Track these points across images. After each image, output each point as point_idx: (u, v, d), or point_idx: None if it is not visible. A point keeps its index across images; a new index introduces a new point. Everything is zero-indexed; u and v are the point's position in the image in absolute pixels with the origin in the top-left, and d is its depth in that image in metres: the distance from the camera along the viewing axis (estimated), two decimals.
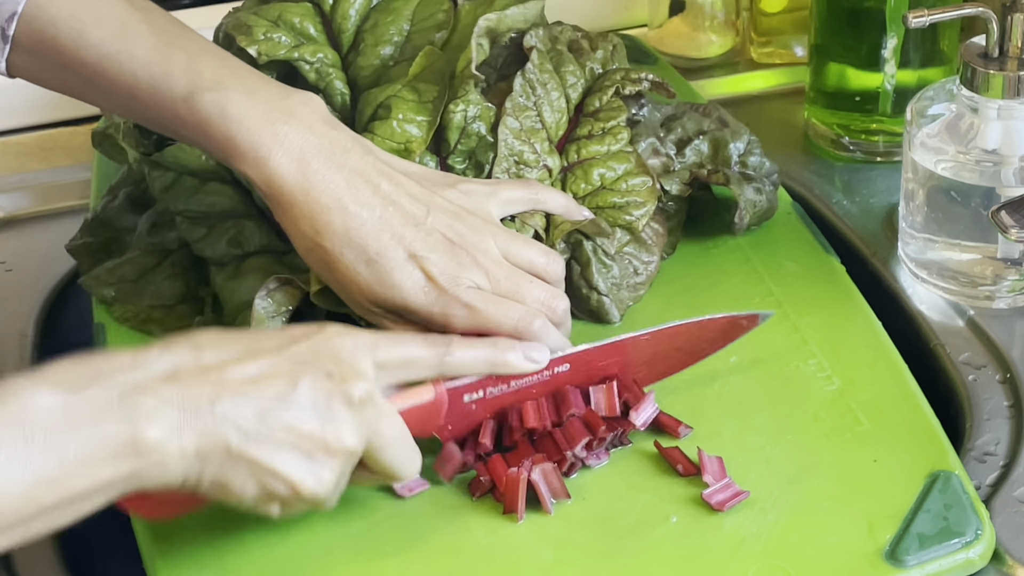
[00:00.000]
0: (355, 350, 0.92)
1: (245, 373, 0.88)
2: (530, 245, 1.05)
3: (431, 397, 0.97)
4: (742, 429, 1.02)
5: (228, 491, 0.88)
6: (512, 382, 1.00)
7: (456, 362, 0.97)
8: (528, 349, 0.99)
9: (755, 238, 1.18)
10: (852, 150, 1.30)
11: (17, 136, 1.36)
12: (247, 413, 0.86)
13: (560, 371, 1.01)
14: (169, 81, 1.00)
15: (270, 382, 0.88)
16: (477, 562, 0.95)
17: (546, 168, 1.11)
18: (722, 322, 1.05)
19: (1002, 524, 0.96)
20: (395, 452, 0.93)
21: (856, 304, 1.12)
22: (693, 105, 1.21)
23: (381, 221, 1.00)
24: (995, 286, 1.13)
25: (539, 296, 1.03)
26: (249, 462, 0.87)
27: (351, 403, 0.90)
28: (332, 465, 0.89)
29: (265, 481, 0.88)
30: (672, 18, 1.43)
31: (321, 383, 0.89)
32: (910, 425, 1.02)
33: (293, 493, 0.88)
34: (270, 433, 0.87)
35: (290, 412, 0.88)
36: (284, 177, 0.99)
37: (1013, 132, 1.10)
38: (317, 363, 0.90)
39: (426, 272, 1.00)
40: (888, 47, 1.25)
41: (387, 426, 0.92)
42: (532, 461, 0.97)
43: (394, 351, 0.94)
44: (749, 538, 0.95)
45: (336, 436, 0.89)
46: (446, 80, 1.11)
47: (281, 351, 0.90)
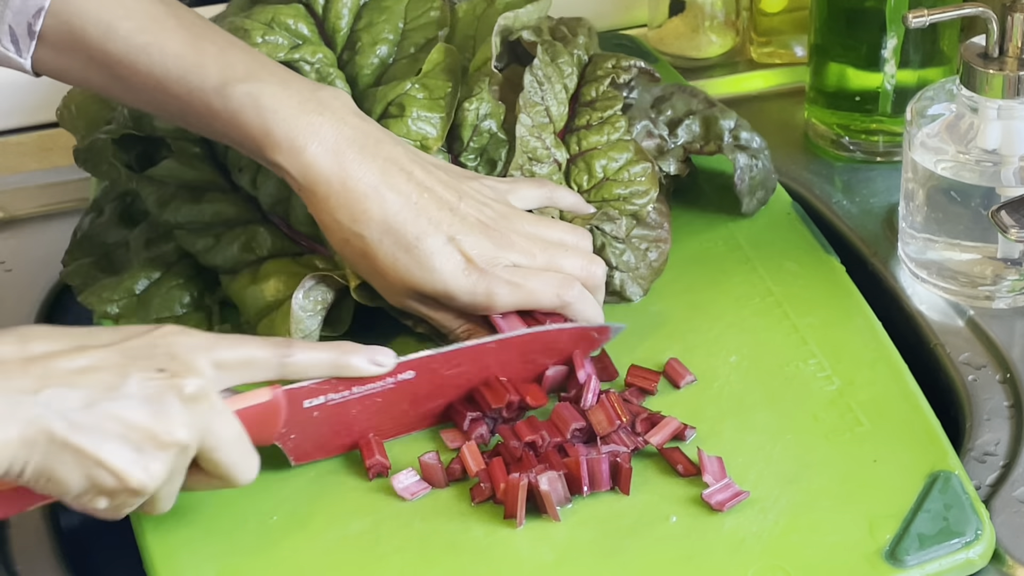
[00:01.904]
0: (191, 348, 0.91)
1: (73, 365, 0.87)
2: (556, 225, 1.07)
3: (267, 398, 0.95)
4: (742, 429, 1.02)
5: (54, 482, 0.86)
6: (355, 388, 0.98)
7: (297, 364, 0.95)
8: (373, 353, 0.98)
9: (755, 238, 1.18)
10: (852, 150, 1.30)
11: (17, 136, 1.36)
12: (73, 402, 0.86)
13: (404, 378, 1.00)
14: (201, 73, 1.00)
15: (99, 374, 0.87)
16: (477, 562, 0.95)
17: (556, 163, 1.12)
18: (571, 333, 1.04)
19: (1002, 524, 0.96)
20: (229, 453, 0.92)
21: (856, 304, 1.12)
22: (679, 86, 1.22)
23: (418, 207, 1.01)
24: (995, 286, 1.13)
25: (576, 264, 1.04)
26: (74, 451, 0.85)
27: (183, 397, 0.88)
28: (162, 458, 0.88)
29: (91, 472, 0.86)
30: (672, 18, 1.43)
31: (152, 377, 0.88)
32: (910, 425, 1.02)
33: (120, 484, 0.87)
34: (97, 423, 0.86)
35: (118, 403, 0.87)
36: (320, 167, 1.00)
37: (1013, 132, 1.10)
38: (150, 358, 0.89)
39: (465, 255, 1.01)
40: (888, 47, 1.25)
41: (221, 425, 0.91)
42: (535, 471, 0.97)
43: (232, 351, 0.93)
44: (749, 538, 0.95)
45: (166, 428, 0.88)
46: (458, 77, 1.11)
47: (113, 346, 0.89)
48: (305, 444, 0.99)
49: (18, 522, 1.02)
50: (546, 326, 1.03)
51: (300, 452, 0.99)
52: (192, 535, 0.97)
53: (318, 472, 1.01)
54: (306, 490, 1.00)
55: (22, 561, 1.00)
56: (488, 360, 1.02)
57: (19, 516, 1.02)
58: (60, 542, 1.01)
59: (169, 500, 0.91)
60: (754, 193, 1.19)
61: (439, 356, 1.01)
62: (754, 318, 1.11)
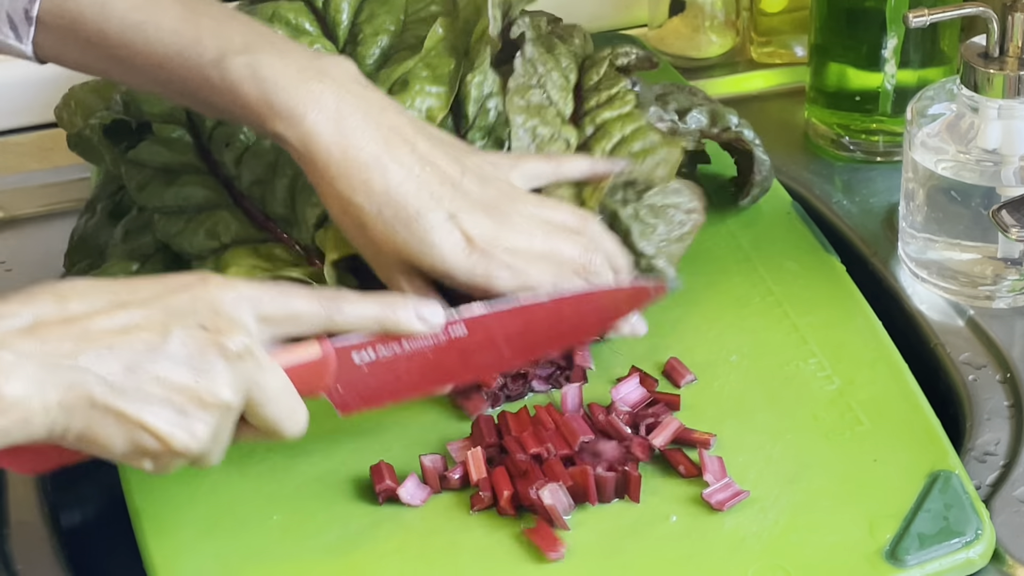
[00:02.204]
0: (236, 302, 0.89)
1: (113, 324, 0.85)
2: (560, 208, 1.04)
3: (317, 354, 0.93)
4: (742, 429, 1.02)
5: (96, 445, 0.85)
6: (405, 343, 0.96)
7: (345, 318, 0.93)
8: (421, 308, 0.95)
9: (755, 238, 1.18)
10: (852, 150, 1.30)
11: (17, 136, 1.36)
12: (113, 366, 0.84)
13: (456, 334, 0.97)
14: (198, 48, 0.99)
15: (139, 333, 0.85)
16: (477, 562, 0.95)
17: (565, 141, 1.11)
18: (627, 291, 1.02)
19: (1002, 524, 0.96)
20: (277, 407, 0.90)
21: (856, 304, 1.12)
22: (677, 85, 1.22)
23: (420, 180, 0.99)
24: (995, 286, 1.13)
25: (577, 250, 1.02)
26: (116, 415, 0.84)
27: (227, 355, 0.87)
28: (206, 419, 0.86)
29: (134, 435, 0.85)
30: (672, 18, 1.43)
31: (195, 335, 0.86)
32: (910, 425, 1.02)
33: (164, 448, 0.86)
34: (138, 386, 0.84)
35: (160, 364, 0.85)
36: (321, 135, 0.98)
37: (1013, 132, 1.10)
38: (192, 314, 0.87)
39: (466, 233, 1.00)
40: (888, 47, 1.25)
41: (267, 381, 0.89)
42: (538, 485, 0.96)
43: (279, 304, 0.90)
44: (749, 538, 0.95)
45: (210, 389, 0.86)
46: (460, 53, 1.11)
47: (154, 301, 0.87)
48: (352, 397, 0.96)
49: (18, 522, 1.02)
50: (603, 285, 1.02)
51: (346, 404, 0.96)
52: (192, 535, 0.97)
53: (318, 472, 1.01)
54: (306, 490, 1.00)
55: (22, 561, 1.00)
56: (540, 317, 1.00)
57: (19, 516, 1.02)
58: (60, 542, 1.01)
59: (218, 455, 0.89)
60: (763, 184, 1.20)
61: (494, 315, 0.98)
62: (754, 318, 1.11)
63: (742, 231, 1.19)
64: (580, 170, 1.08)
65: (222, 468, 1.00)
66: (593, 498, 0.97)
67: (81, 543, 1.06)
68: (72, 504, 1.12)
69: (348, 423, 1.04)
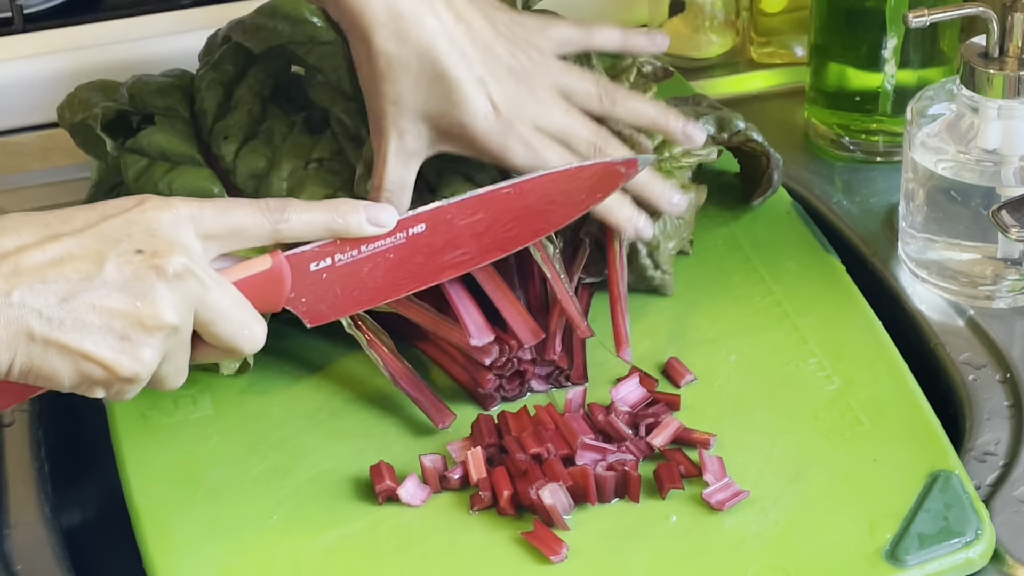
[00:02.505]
0: (174, 223, 0.87)
1: (45, 256, 0.84)
2: (585, 76, 1.05)
3: (268, 266, 0.92)
4: (742, 429, 1.02)
5: (43, 379, 0.85)
6: (363, 247, 0.94)
7: (292, 228, 0.91)
8: (373, 211, 0.94)
9: (755, 238, 1.18)
10: (852, 150, 1.30)
11: (17, 136, 1.36)
12: (48, 298, 0.83)
13: (415, 231, 0.96)
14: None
15: (73, 263, 0.84)
16: (477, 562, 0.95)
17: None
18: (595, 168, 1.01)
19: (1002, 524, 0.96)
20: (229, 324, 0.89)
21: (856, 304, 1.12)
22: (680, 98, 1.22)
23: (453, 37, 1.00)
24: (995, 286, 1.13)
25: (588, 138, 1.04)
26: (58, 347, 0.84)
27: (166, 277, 0.85)
28: (152, 343, 0.86)
29: (79, 365, 0.85)
30: (672, 18, 1.43)
31: (131, 259, 0.85)
32: (910, 425, 1.02)
33: (111, 375, 0.85)
34: (76, 316, 0.84)
35: (96, 292, 0.84)
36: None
37: (1013, 132, 1.10)
38: (127, 239, 0.86)
39: (491, 98, 1.01)
40: (888, 47, 1.25)
41: (215, 298, 0.88)
42: (537, 485, 0.97)
43: (220, 220, 0.89)
44: (749, 538, 0.95)
45: (152, 312, 0.85)
46: None
47: (87, 230, 0.86)
48: (318, 305, 0.95)
49: (18, 522, 1.02)
50: (564, 166, 1.00)
51: (314, 314, 0.95)
52: (192, 535, 0.97)
53: (318, 472, 1.01)
54: (306, 490, 1.00)
55: (22, 561, 1.00)
56: (504, 206, 0.99)
57: (19, 516, 1.02)
58: (60, 542, 1.01)
59: (176, 377, 0.89)
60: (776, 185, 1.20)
61: (451, 206, 0.97)
62: (754, 318, 1.11)
63: (742, 231, 1.19)
64: (612, 41, 1.09)
65: (222, 468, 1.01)
66: (593, 498, 0.97)
67: (81, 543, 1.06)
68: (72, 504, 1.12)
69: (349, 423, 1.04)
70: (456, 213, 0.97)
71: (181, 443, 1.03)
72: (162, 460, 1.02)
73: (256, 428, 1.04)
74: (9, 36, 1.37)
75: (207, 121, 1.14)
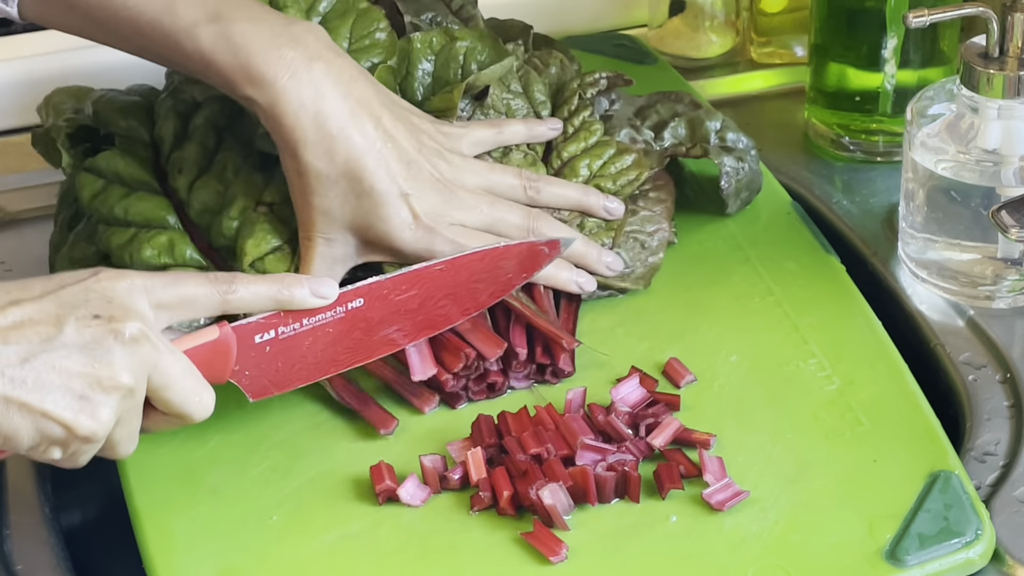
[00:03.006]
0: (128, 291, 0.90)
1: (6, 320, 0.87)
2: (507, 171, 1.09)
3: (215, 336, 0.95)
4: (742, 429, 1.02)
5: (3, 437, 0.87)
6: (305, 320, 0.98)
7: (239, 299, 0.95)
8: (315, 284, 0.97)
9: (755, 238, 1.18)
10: (852, 150, 1.30)
11: (17, 136, 1.36)
12: (11, 358, 0.86)
13: (354, 306, 0.99)
14: (172, 15, 1.02)
15: (34, 327, 0.87)
16: (477, 562, 0.95)
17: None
18: (520, 248, 1.04)
19: (1002, 524, 0.96)
20: (181, 390, 0.91)
21: (856, 304, 1.12)
22: (664, 93, 1.22)
23: (379, 155, 1.03)
24: (995, 286, 1.13)
25: (519, 222, 1.07)
26: (19, 406, 0.86)
27: (122, 340, 0.88)
28: (109, 403, 0.88)
29: (39, 424, 0.87)
30: (672, 18, 1.43)
31: (89, 323, 0.88)
32: (910, 425, 1.02)
33: (70, 434, 0.87)
34: (37, 376, 0.86)
35: (56, 353, 0.87)
36: (291, 101, 1.01)
37: (1013, 132, 1.10)
38: (85, 304, 0.89)
39: (413, 211, 1.04)
40: (888, 47, 1.25)
41: (167, 364, 0.90)
42: (538, 485, 0.97)
43: (171, 290, 0.92)
44: (749, 538, 0.95)
45: (109, 373, 0.87)
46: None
47: (46, 296, 0.89)
48: (261, 380, 0.98)
49: (18, 522, 1.02)
50: (492, 244, 1.04)
51: (257, 388, 0.98)
52: (192, 535, 0.97)
53: (318, 472, 1.01)
54: (306, 490, 1.00)
55: (22, 561, 1.00)
56: (436, 283, 1.02)
57: (19, 516, 1.02)
58: (60, 542, 1.01)
59: (128, 443, 0.91)
60: (739, 195, 1.19)
61: (387, 281, 1.00)
62: (754, 318, 1.11)
63: (742, 231, 1.19)
64: (518, 135, 1.12)
65: (222, 468, 1.01)
66: (593, 498, 0.97)
67: (81, 543, 1.06)
68: (72, 504, 1.12)
69: (349, 423, 1.04)
70: (392, 288, 1.01)
71: (181, 443, 1.03)
72: (162, 460, 1.02)
73: (256, 428, 1.04)
74: (9, 36, 1.37)
75: (164, 149, 1.13)
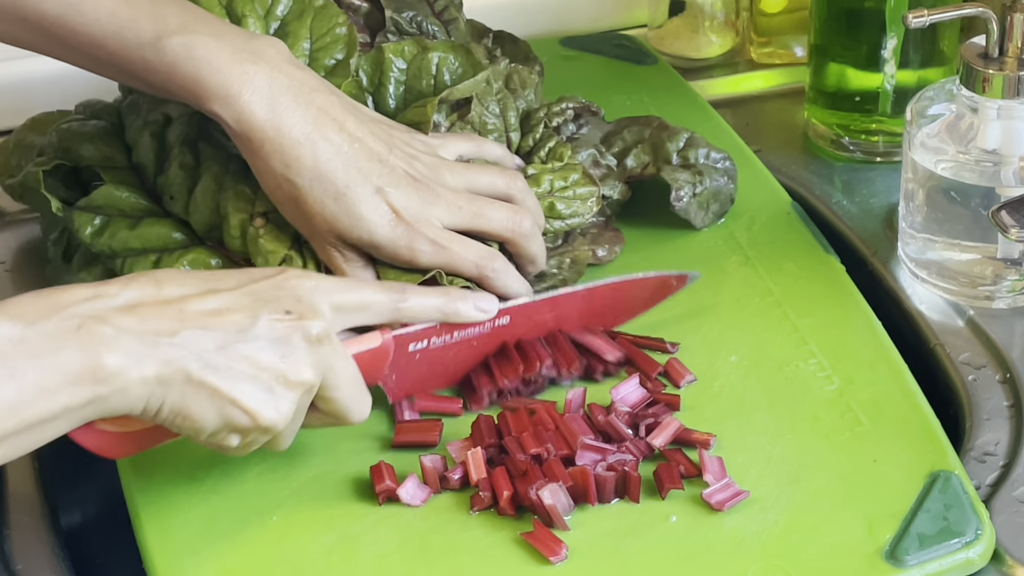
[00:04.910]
0: (313, 291, 0.94)
1: (206, 307, 0.90)
2: (486, 170, 1.09)
3: (379, 343, 0.99)
4: (742, 429, 1.02)
5: (189, 419, 0.89)
6: (456, 333, 1.03)
7: (410, 308, 0.99)
8: (479, 300, 1.02)
9: (755, 238, 1.18)
10: (852, 150, 1.30)
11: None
12: (208, 344, 0.89)
13: (500, 324, 1.04)
14: (135, 28, 1.02)
15: (230, 316, 0.91)
16: (477, 562, 0.95)
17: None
18: (653, 281, 1.08)
19: (1002, 524, 0.96)
20: (348, 392, 0.95)
21: (856, 304, 1.12)
22: (634, 119, 1.22)
23: (348, 157, 1.03)
24: (995, 286, 1.13)
25: (502, 217, 1.07)
26: (210, 391, 0.89)
27: (309, 339, 0.92)
28: (290, 397, 0.91)
29: (225, 410, 0.90)
30: (672, 18, 1.43)
31: (280, 319, 0.92)
32: (910, 425, 1.02)
33: (252, 423, 0.90)
34: (230, 364, 0.89)
35: (250, 344, 0.90)
36: (255, 114, 1.02)
37: (1013, 132, 1.10)
38: (276, 301, 0.93)
39: (392, 206, 1.04)
40: (888, 47, 1.25)
41: (341, 366, 0.94)
42: (537, 485, 0.96)
43: (351, 295, 0.97)
44: (749, 538, 0.95)
45: (295, 369, 0.91)
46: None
47: (241, 288, 0.93)
48: (404, 383, 1.03)
49: (18, 522, 1.02)
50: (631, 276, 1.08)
51: (397, 392, 1.03)
52: (192, 535, 0.97)
53: (318, 472, 1.01)
54: (306, 490, 1.00)
55: (22, 561, 1.00)
56: (573, 307, 1.06)
57: (19, 516, 1.02)
58: (60, 542, 1.01)
59: (291, 437, 0.94)
60: (707, 208, 1.19)
61: (535, 304, 1.05)
62: (754, 318, 1.11)
63: (742, 231, 1.19)
64: (496, 155, 1.12)
65: (222, 468, 1.01)
66: (593, 498, 0.97)
67: (81, 543, 1.06)
68: (72, 504, 1.12)
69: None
70: (536, 310, 1.05)
71: (181, 443, 1.02)
72: (162, 460, 1.02)
73: None
74: None
75: (148, 174, 1.12)
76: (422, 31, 1.18)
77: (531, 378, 1.04)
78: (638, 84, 1.33)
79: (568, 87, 1.26)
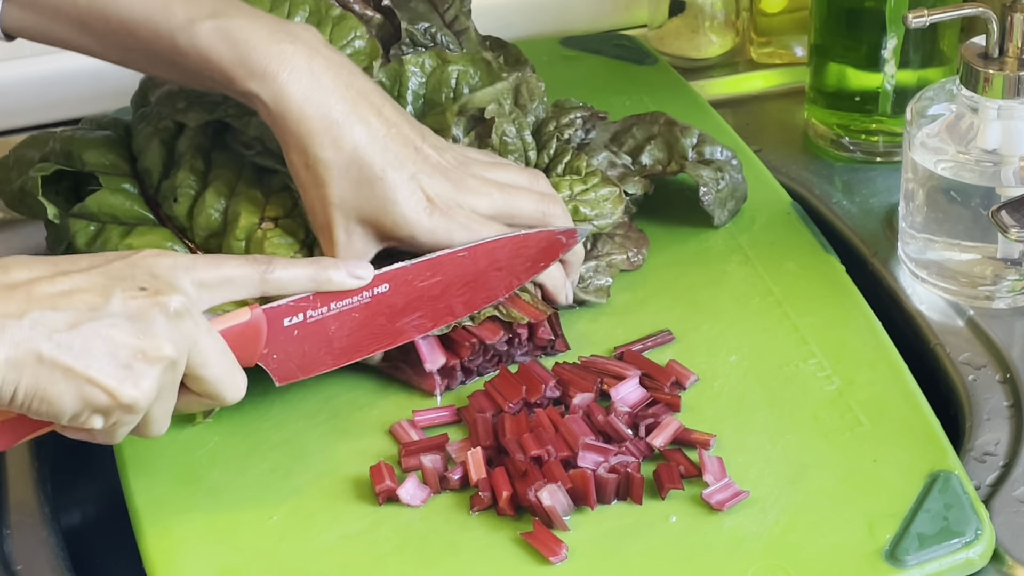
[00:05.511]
0: (171, 267, 0.92)
1: (55, 288, 0.88)
2: (509, 168, 1.09)
3: (247, 318, 0.96)
4: (742, 429, 1.02)
5: (46, 402, 0.87)
6: (332, 304, 0.99)
7: (278, 280, 0.96)
8: (351, 266, 0.99)
9: (755, 238, 1.18)
10: (852, 150, 1.30)
11: (17, 136, 1.36)
12: (58, 323, 0.87)
13: (380, 291, 1.01)
14: (167, 13, 1.02)
15: (82, 295, 0.89)
16: (477, 562, 0.95)
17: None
18: (539, 237, 1.06)
19: (1002, 524, 0.96)
20: (216, 369, 0.93)
21: (856, 304, 1.12)
22: (638, 116, 1.22)
23: (385, 142, 1.03)
24: (995, 286, 1.13)
25: (531, 205, 1.07)
26: (64, 370, 0.87)
27: (168, 314, 0.90)
28: (151, 374, 0.89)
29: (83, 390, 0.88)
30: (672, 18, 1.43)
31: (135, 295, 0.90)
32: (910, 425, 1.02)
33: (112, 401, 0.88)
34: (84, 342, 0.87)
35: (104, 321, 0.88)
36: (293, 93, 1.01)
37: (1013, 132, 1.10)
38: (131, 278, 0.91)
39: (426, 194, 1.03)
40: (888, 47, 1.25)
41: (207, 342, 0.92)
42: (537, 486, 0.97)
43: (212, 270, 0.94)
44: (749, 538, 0.95)
45: (153, 344, 0.89)
46: None
47: (93, 269, 0.91)
48: (288, 364, 0.99)
49: (18, 522, 1.02)
50: (514, 232, 1.05)
51: (283, 372, 1.00)
52: (192, 535, 0.97)
53: (318, 472, 1.01)
54: (306, 490, 1.00)
55: (22, 561, 1.00)
56: (458, 270, 1.03)
57: (19, 516, 1.02)
58: (60, 542, 1.01)
59: (163, 422, 0.92)
60: (724, 205, 1.19)
61: (412, 267, 1.02)
62: (754, 318, 1.11)
63: (742, 231, 1.19)
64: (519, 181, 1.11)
65: (222, 468, 1.01)
66: (592, 501, 0.97)
67: (81, 543, 1.06)
68: (72, 504, 1.12)
69: (349, 423, 1.04)
70: (416, 275, 1.02)
71: (181, 444, 1.03)
72: (162, 460, 1.02)
73: (256, 429, 1.04)
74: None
75: (152, 180, 1.12)
76: (436, 42, 1.18)
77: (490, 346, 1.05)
78: (638, 84, 1.32)
79: (568, 87, 1.26)
